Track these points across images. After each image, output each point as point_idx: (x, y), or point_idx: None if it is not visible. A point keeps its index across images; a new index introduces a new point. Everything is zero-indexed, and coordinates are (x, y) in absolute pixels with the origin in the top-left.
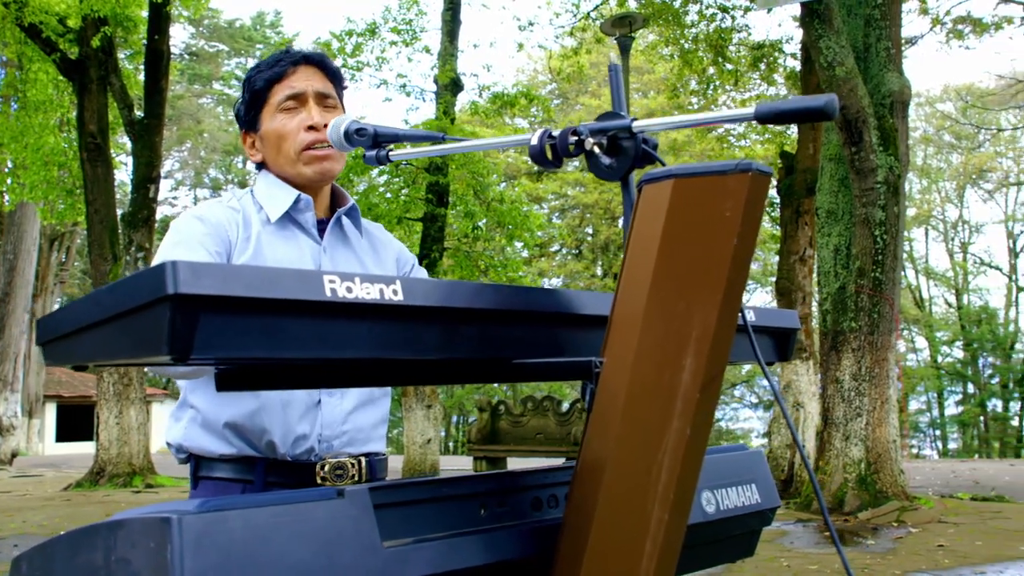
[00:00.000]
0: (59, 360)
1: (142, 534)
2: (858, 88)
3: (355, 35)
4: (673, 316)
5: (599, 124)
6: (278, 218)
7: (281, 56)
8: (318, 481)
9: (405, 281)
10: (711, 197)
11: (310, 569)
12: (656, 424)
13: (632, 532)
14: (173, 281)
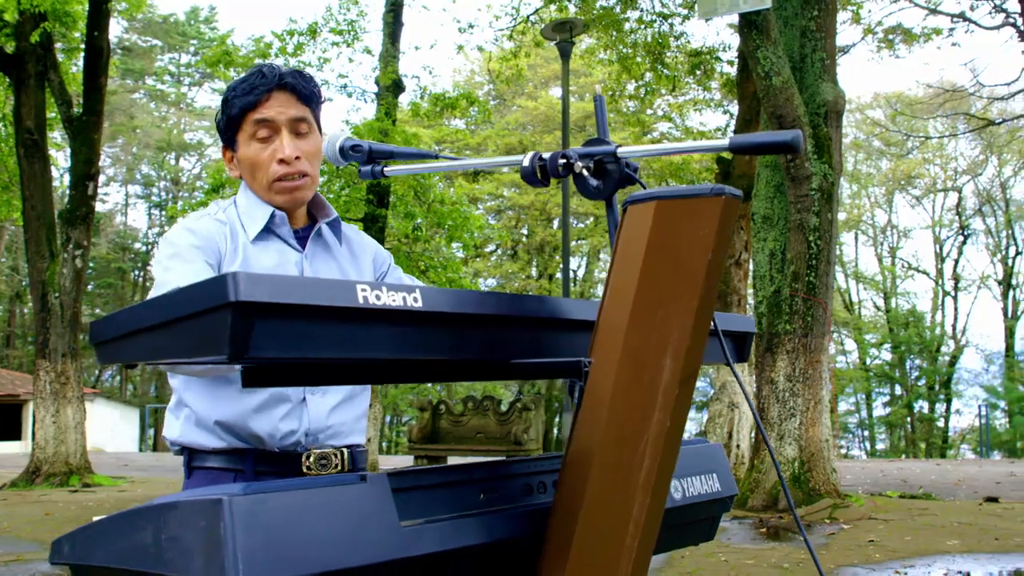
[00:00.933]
0: (111, 359)
1: (193, 514)
2: (794, 97)
3: (297, 35)
4: (654, 322)
5: (586, 149)
6: (258, 233)
7: (256, 81)
8: (304, 471)
9: (423, 290)
10: (689, 217)
11: (340, 544)
12: (639, 417)
13: (617, 514)
14: (234, 290)
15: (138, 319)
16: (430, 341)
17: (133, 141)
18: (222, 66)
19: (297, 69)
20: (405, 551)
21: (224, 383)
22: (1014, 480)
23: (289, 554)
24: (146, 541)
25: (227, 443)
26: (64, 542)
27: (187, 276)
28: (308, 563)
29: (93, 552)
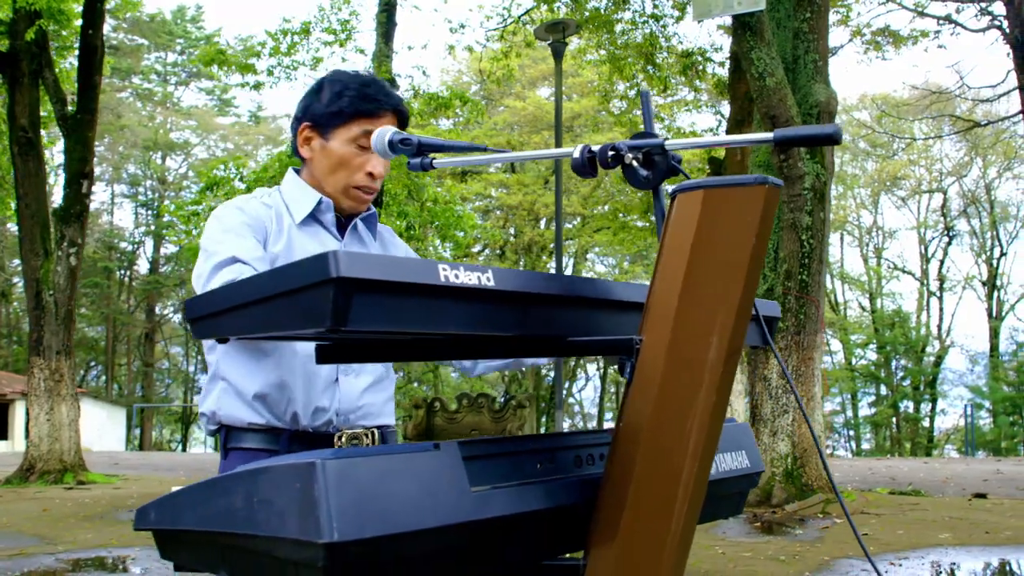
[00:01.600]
0: (208, 334)
1: (287, 477)
2: (787, 98)
3: (290, 34)
4: (702, 302)
5: (635, 142)
6: (303, 218)
7: (377, 95)
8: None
9: (495, 270)
10: (735, 205)
11: (418, 506)
12: (688, 392)
13: (667, 483)
14: (336, 266)
15: (237, 296)
16: (498, 318)
17: (120, 140)
18: (216, 65)
19: (401, 97)
20: (475, 514)
21: (262, 355)
22: (1000, 477)
23: (376, 513)
24: (236, 505)
25: (264, 420)
26: (150, 509)
27: (239, 249)
28: (392, 522)
29: (181, 517)
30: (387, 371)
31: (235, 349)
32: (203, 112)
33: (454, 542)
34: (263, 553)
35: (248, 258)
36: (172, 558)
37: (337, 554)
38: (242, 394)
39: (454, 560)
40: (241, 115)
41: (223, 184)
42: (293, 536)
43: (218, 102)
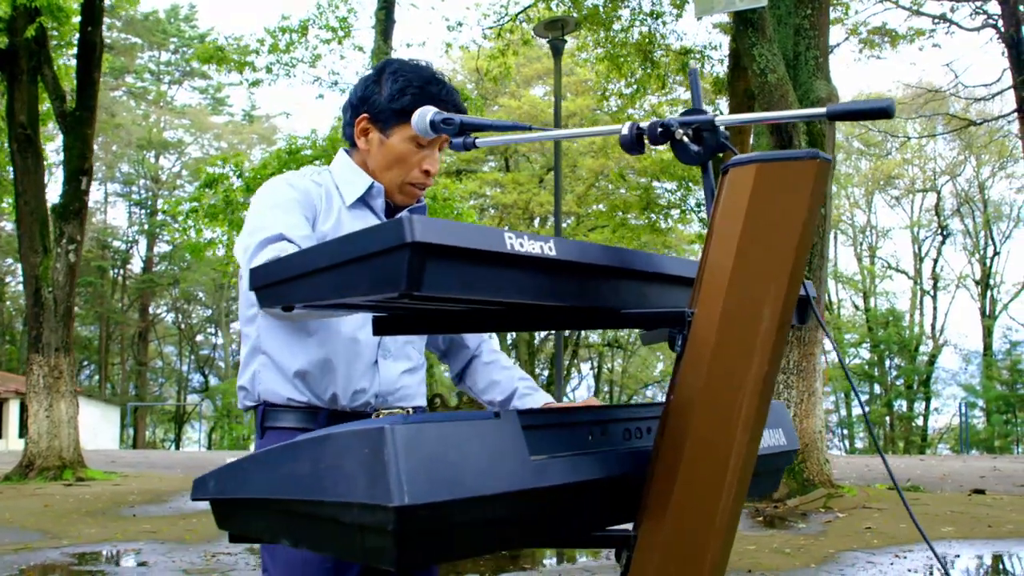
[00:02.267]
0: (275, 302)
1: (355, 443)
2: (789, 94)
3: (289, 32)
4: (755, 274)
5: (685, 118)
6: (354, 200)
7: (439, 95)
8: None
9: (556, 240)
10: (787, 178)
11: (482, 472)
12: (741, 363)
13: (720, 453)
14: (410, 231)
15: (308, 262)
16: (557, 288)
17: (114, 139)
18: (214, 63)
19: (459, 95)
20: (535, 482)
21: (304, 334)
22: (997, 474)
23: (443, 479)
24: (302, 471)
25: (305, 398)
26: (209, 479)
27: (286, 226)
28: (458, 487)
29: (243, 486)
30: (421, 356)
31: (277, 324)
32: (197, 111)
33: (514, 509)
34: (330, 518)
35: (295, 236)
36: (230, 527)
37: (406, 517)
38: (283, 370)
39: (513, 527)
40: (235, 114)
41: (221, 181)
42: (362, 500)
43: (212, 101)
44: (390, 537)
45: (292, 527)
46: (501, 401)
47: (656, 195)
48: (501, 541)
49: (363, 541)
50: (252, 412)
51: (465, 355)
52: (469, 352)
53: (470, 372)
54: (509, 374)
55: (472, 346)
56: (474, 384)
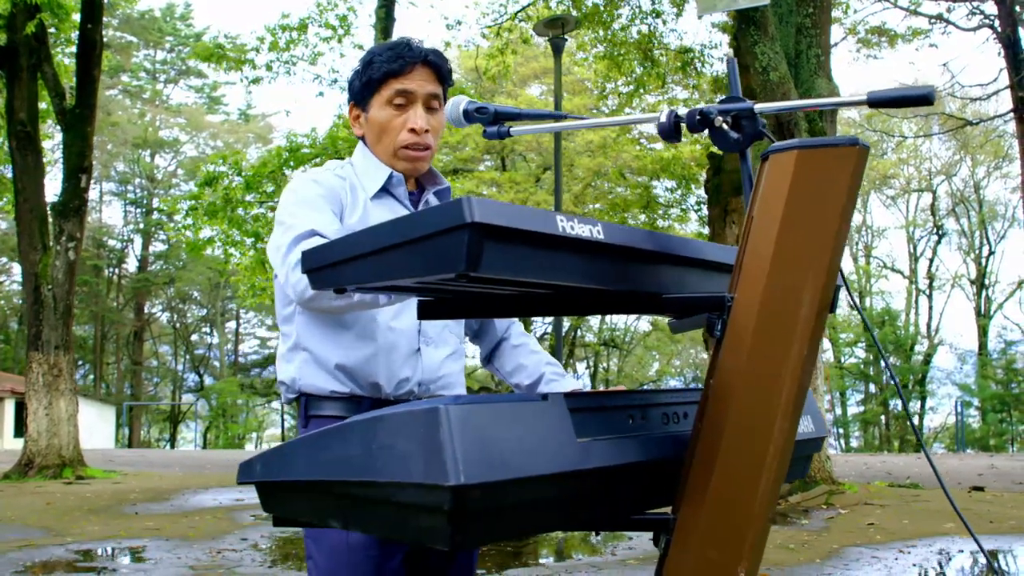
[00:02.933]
0: (326, 284)
1: (409, 423)
2: (790, 92)
3: (289, 30)
4: (795, 259)
5: (724, 106)
6: (376, 191)
7: (403, 52)
8: None
9: (603, 224)
10: (827, 165)
11: (532, 452)
12: (781, 347)
13: (760, 436)
14: (470, 212)
15: (361, 244)
16: (603, 271)
17: (109, 138)
18: (213, 61)
19: (435, 49)
20: (580, 463)
21: (342, 328)
22: (995, 472)
23: (496, 458)
24: (353, 452)
25: (348, 388)
26: (255, 462)
27: (316, 221)
28: (510, 467)
29: (291, 468)
30: (461, 343)
31: (316, 320)
32: (192, 110)
33: (561, 490)
34: (382, 499)
35: (326, 231)
36: (275, 510)
37: (462, 497)
38: (324, 364)
39: (558, 508)
40: (231, 113)
41: (221, 179)
42: (417, 480)
43: (207, 100)
44: (444, 517)
45: (341, 509)
46: (528, 385)
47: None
48: (546, 522)
49: (417, 521)
50: (294, 405)
51: (494, 338)
52: (498, 335)
53: (498, 354)
54: (537, 359)
55: (501, 329)
56: (502, 366)
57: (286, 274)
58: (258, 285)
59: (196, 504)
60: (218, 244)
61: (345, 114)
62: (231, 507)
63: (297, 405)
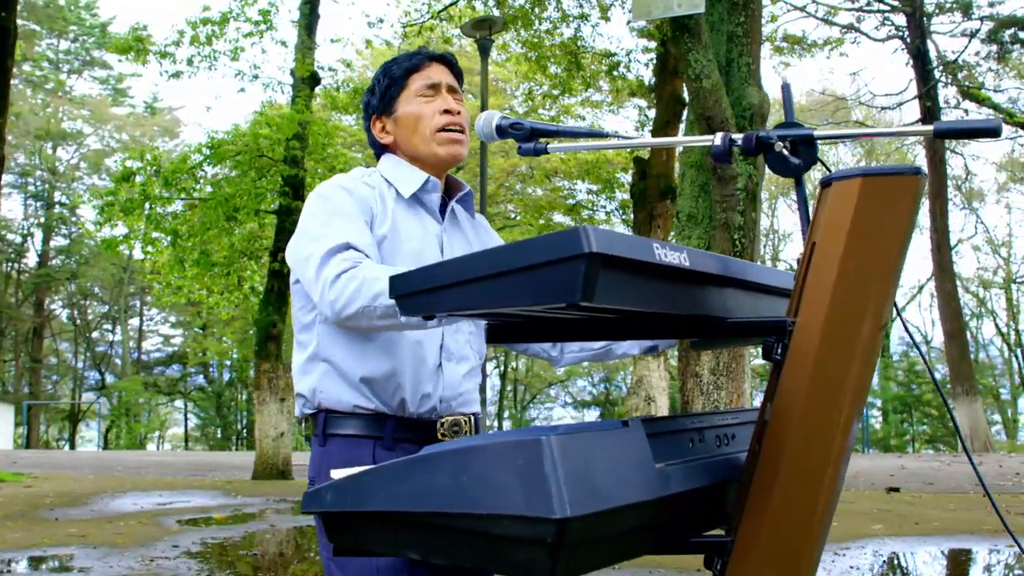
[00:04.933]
0: (419, 310)
1: (508, 454)
2: (722, 100)
3: (210, 24)
4: (857, 285)
5: (785, 131)
6: (408, 197)
7: (420, 51)
8: (439, 437)
9: (689, 251)
10: (890, 193)
11: (620, 480)
12: (841, 370)
13: (818, 458)
14: (587, 241)
15: (464, 271)
16: (684, 296)
17: (10, 128)
18: (132, 53)
19: (446, 52)
20: (663, 490)
21: (367, 340)
22: (906, 473)
23: (593, 489)
24: (442, 483)
25: (373, 404)
26: (325, 492)
27: (350, 233)
28: (606, 498)
29: (369, 498)
30: (479, 360)
31: (339, 330)
32: (97, 101)
33: (645, 517)
34: (473, 531)
35: (360, 244)
36: (343, 541)
37: (565, 530)
38: (348, 377)
39: (641, 535)
40: (136, 105)
41: (138, 174)
42: (518, 513)
43: (112, 92)
44: (547, 550)
45: (422, 540)
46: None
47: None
48: (629, 550)
49: (514, 554)
50: (309, 420)
51: None
52: None
53: None
54: None
55: None
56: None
57: (321, 290)
58: (174, 284)
59: (118, 509)
60: (135, 242)
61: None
62: (155, 512)
63: (312, 422)
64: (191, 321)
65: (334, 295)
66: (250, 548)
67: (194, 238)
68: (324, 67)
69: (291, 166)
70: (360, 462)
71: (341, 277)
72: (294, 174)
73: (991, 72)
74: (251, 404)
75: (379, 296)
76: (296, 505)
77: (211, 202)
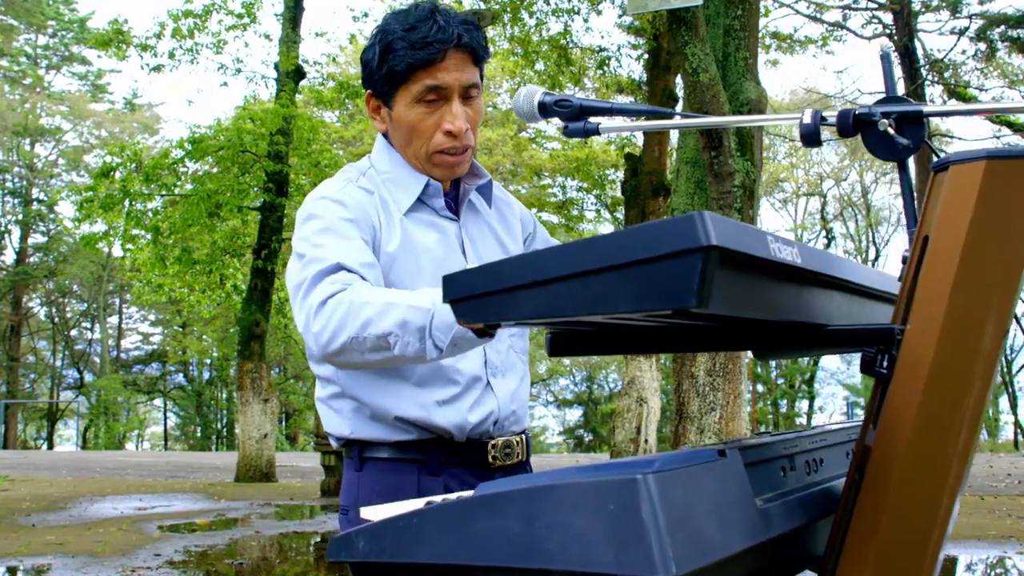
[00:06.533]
0: (481, 316)
1: (593, 496)
2: (720, 95)
3: (191, 16)
4: (979, 287)
5: (886, 107)
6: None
7: (432, 36)
8: (490, 460)
9: (799, 245)
10: (1019, 179)
11: (725, 524)
12: (960, 383)
13: (931, 490)
14: (705, 232)
15: (539, 269)
16: (789, 300)
17: None
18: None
19: (467, 19)
20: (765, 532)
21: (398, 378)
22: None
23: (698, 539)
24: (509, 530)
25: (415, 436)
26: (357, 538)
27: (342, 252)
28: (711, 549)
29: (414, 547)
30: (525, 364)
31: None
32: (76, 97)
33: (747, 567)
34: None
35: (355, 264)
36: None
37: None
38: (381, 416)
39: None
40: (116, 101)
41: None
42: (607, 571)
43: (91, 87)
44: None
45: None
46: None
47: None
48: None
49: None
50: (345, 445)
51: None
52: None
53: None
54: None
55: None
56: None
57: (306, 322)
58: (155, 282)
59: (96, 514)
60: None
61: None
62: (135, 517)
63: (347, 446)
64: (171, 319)
65: (319, 326)
66: (235, 556)
67: (176, 235)
68: (309, 61)
69: (275, 161)
70: (403, 490)
71: (327, 304)
72: (278, 170)
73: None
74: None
75: (369, 324)
76: (281, 509)
77: (193, 198)
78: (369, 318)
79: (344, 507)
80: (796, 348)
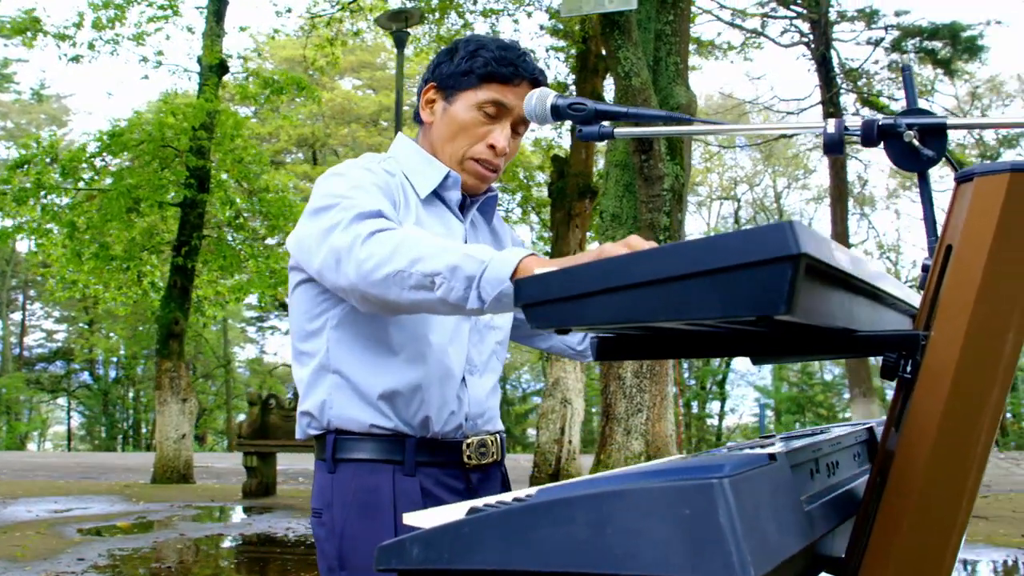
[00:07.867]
0: (557, 322)
1: (666, 501)
2: (651, 99)
3: (112, 6)
4: (1003, 296)
5: (913, 119)
6: (428, 193)
7: (518, 61)
8: (464, 460)
9: (845, 251)
10: None
11: (784, 526)
12: (980, 392)
13: (952, 495)
14: (795, 240)
15: (619, 273)
16: (831, 306)
17: None
18: (29, 34)
19: (543, 72)
20: (812, 535)
21: (389, 352)
22: None
23: (766, 542)
24: (576, 536)
25: (392, 424)
26: (410, 545)
27: (380, 204)
28: (776, 551)
29: (473, 553)
30: (501, 366)
31: (355, 339)
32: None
33: (796, 569)
34: None
35: (392, 218)
36: None
37: None
38: (364, 392)
39: None
40: (22, 92)
41: (33, 160)
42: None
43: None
44: None
45: None
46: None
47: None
48: None
49: None
50: (316, 441)
51: None
52: None
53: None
54: None
55: None
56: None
57: (351, 247)
58: (69, 278)
59: (11, 517)
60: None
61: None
62: (52, 520)
63: (319, 444)
64: (77, 316)
65: (365, 253)
66: (161, 560)
67: (92, 230)
68: (232, 55)
69: (197, 157)
70: (378, 490)
71: (377, 235)
72: (200, 165)
73: (889, 80)
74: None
75: (418, 261)
76: (204, 511)
77: (111, 193)
78: (420, 255)
79: (317, 510)
80: (821, 353)
